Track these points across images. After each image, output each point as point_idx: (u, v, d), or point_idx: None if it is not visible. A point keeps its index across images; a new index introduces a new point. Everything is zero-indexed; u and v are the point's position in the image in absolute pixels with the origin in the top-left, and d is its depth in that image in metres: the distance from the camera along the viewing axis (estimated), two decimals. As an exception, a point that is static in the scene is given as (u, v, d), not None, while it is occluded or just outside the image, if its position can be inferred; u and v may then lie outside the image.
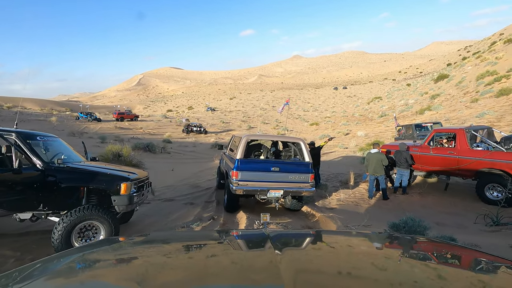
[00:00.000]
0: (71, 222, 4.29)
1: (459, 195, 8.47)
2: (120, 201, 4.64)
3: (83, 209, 4.39)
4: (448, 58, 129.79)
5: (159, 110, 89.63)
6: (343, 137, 28.90)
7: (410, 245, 1.62)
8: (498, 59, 38.32)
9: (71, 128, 32.05)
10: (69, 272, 1.17)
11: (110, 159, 13.87)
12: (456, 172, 8.30)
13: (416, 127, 16.54)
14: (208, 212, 7.66)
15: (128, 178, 4.77)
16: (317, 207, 8.18)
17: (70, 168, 4.72)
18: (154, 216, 7.15)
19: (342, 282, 1.00)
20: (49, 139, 5.41)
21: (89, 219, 4.42)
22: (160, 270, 1.08)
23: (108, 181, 4.70)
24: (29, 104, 79.79)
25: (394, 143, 11.81)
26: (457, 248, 1.53)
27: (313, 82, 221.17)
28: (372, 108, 51.82)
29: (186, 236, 2.12)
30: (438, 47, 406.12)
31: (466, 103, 28.78)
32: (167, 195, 9.59)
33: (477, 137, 8.23)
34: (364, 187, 9.94)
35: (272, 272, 1.01)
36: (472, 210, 7.16)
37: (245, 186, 6.97)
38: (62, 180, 4.61)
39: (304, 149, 7.61)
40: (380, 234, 1.90)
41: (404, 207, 7.83)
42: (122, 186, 4.64)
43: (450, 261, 1.33)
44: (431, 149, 8.83)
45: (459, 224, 6.28)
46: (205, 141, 32.04)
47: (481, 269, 1.22)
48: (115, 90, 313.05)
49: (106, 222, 4.48)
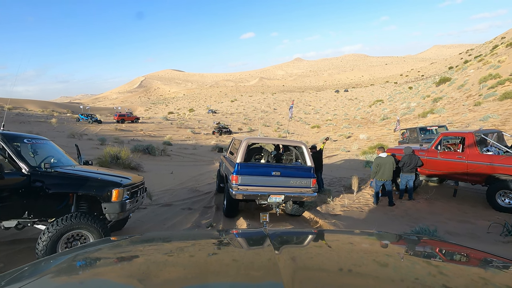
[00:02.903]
0: (57, 232, 3.97)
1: (468, 201, 8.12)
2: (111, 208, 4.32)
3: (70, 218, 4.07)
4: (449, 61, 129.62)
5: (160, 112, 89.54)
6: (345, 140, 28.61)
7: (410, 243, 1.62)
8: (501, 62, 38.12)
9: (71, 129, 31.81)
10: (70, 271, 1.17)
11: (108, 161, 13.58)
12: (465, 177, 7.98)
13: (421, 130, 16.18)
14: (207, 219, 7.36)
15: (120, 184, 4.46)
16: (320, 213, 7.87)
17: (58, 173, 4.40)
18: (150, 223, 6.84)
19: (341, 279, 1.01)
20: (38, 141, 5.09)
21: (77, 228, 4.10)
22: (162, 268, 1.09)
23: (98, 187, 4.38)
24: (31, 105, 79.87)
25: (398, 147, 11.51)
26: (457, 246, 1.54)
27: (314, 85, 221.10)
28: (373, 111, 51.52)
29: (186, 235, 2.09)
30: (439, 50, 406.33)
31: (469, 106, 28.53)
32: (165, 200, 9.28)
33: (487, 141, 7.91)
34: (368, 192, 9.61)
35: (271, 270, 1.02)
36: (483, 217, 6.82)
37: (245, 190, 6.69)
38: (49, 186, 4.28)
39: (306, 153, 7.33)
40: (379, 232, 1.88)
41: (411, 214, 7.50)
42: (113, 193, 4.33)
43: (450, 259, 1.33)
44: (439, 153, 8.51)
45: (471, 234, 5.94)
46: (206, 143, 31.78)
47: (481, 266, 1.23)
48: (117, 92, 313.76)
49: (95, 232, 4.16)
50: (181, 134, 36.99)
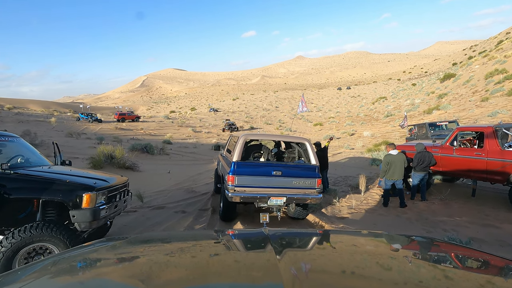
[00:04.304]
0: (12, 246, 3.31)
1: (488, 202, 7.39)
2: (81, 216, 3.65)
3: (30, 228, 3.40)
4: (453, 57, 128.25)
5: (162, 111, 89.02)
6: (349, 137, 27.90)
7: (416, 244, 1.58)
8: (507, 57, 37.20)
9: (70, 129, 31.36)
10: (70, 271, 1.15)
11: (101, 161, 12.97)
12: (484, 176, 7.27)
13: (430, 126, 15.36)
14: (201, 223, 6.72)
15: (93, 187, 3.79)
16: (325, 216, 7.20)
17: (18, 175, 3.72)
18: (138, 228, 6.20)
19: (342, 281, 0.99)
20: (2, 139, 4.44)
21: (38, 241, 3.43)
22: (163, 269, 1.08)
23: (65, 191, 3.70)
24: (33, 105, 79.68)
25: (408, 144, 10.81)
26: (463, 248, 1.53)
27: (316, 83, 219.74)
28: (377, 108, 50.72)
29: (187, 235, 2.07)
30: (442, 46, 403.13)
31: (476, 102, 27.81)
32: (158, 201, 8.64)
33: (509, 135, 7.20)
34: (377, 192, 8.92)
35: (271, 270, 1.01)
36: (508, 221, 6.12)
37: (243, 192, 6.03)
38: (7, 191, 3.62)
39: (310, 151, 6.64)
40: (382, 233, 1.80)
41: (426, 216, 6.79)
42: (83, 198, 3.66)
43: (455, 261, 1.28)
44: (455, 150, 7.80)
45: (499, 240, 5.25)
46: (207, 142, 31.24)
47: (487, 270, 1.19)
48: (119, 92, 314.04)
49: (62, 244, 3.49)
50: (182, 133, 36.47)
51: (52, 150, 5.42)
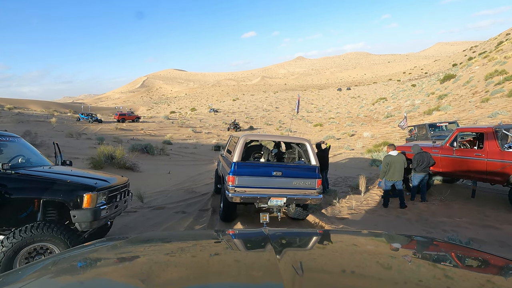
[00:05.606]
0: (13, 246, 3.33)
1: (487, 203, 7.40)
2: (82, 216, 3.67)
3: (30, 228, 3.42)
4: (453, 58, 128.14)
5: (162, 112, 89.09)
6: (349, 138, 27.91)
7: (416, 244, 1.58)
8: (507, 58, 37.21)
9: (70, 129, 31.35)
10: (70, 271, 1.15)
11: (102, 161, 12.99)
12: (484, 177, 7.28)
13: (430, 127, 15.37)
14: (201, 224, 6.73)
15: (94, 187, 3.81)
16: (325, 217, 7.21)
17: (19, 175, 3.74)
18: (138, 229, 6.21)
19: (342, 280, 0.99)
20: (3, 139, 4.45)
21: (39, 240, 3.45)
22: (163, 269, 1.07)
23: (66, 191, 3.71)
24: (33, 106, 79.71)
25: (408, 144, 10.83)
26: (463, 248, 1.53)
27: (316, 83, 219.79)
28: (377, 108, 50.72)
29: (187, 235, 2.07)
30: (442, 47, 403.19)
31: (476, 103, 27.82)
32: (158, 202, 8.65)
33: (509, 136, 7.21)
34: (377, 192, 8.93)
35: (271, 270, 1.01)
36: (508, 222, 6.13)
37: (243, 193, 6.04)
38: (8, 191, 3.64)
39: (310, 151, 6.65)
40: (382, 233, 1.81)
41: (426, 217, 6.81)
42: (84, 198, 3.67)
43: (455, 261, 1.28)
44: (455, 151, 7.81)
45: (499, 241, 5.26)
46: (207, 142, 31.24)
47: (487, 269, 1.19)
48: (119, 92, 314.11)
49: (62, 244, 3.51)
50: (182, 133, 36.48)
51: (53, 150, 5.44)
